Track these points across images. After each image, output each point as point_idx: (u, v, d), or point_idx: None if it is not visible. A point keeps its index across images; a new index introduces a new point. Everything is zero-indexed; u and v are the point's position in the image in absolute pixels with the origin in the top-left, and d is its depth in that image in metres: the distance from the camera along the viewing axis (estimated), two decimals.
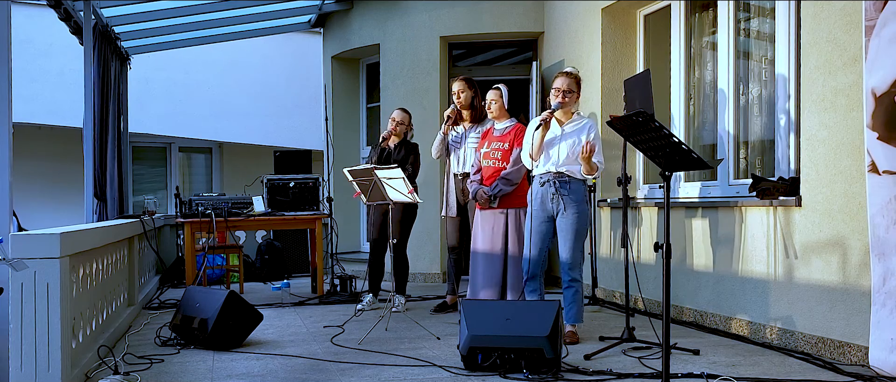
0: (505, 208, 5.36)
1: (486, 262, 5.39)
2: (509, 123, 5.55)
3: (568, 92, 4.81)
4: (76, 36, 7.09)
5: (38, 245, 3.59)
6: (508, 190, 5.33)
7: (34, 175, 11.42)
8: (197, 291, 5.13)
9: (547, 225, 4.89)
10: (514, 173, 5.33)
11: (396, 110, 6.52)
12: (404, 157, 6.30)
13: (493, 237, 5.37)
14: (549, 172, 4.84)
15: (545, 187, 4.85)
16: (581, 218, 4.80)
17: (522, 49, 8.68)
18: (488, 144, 5.51)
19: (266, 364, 4.36)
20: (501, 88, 5.61)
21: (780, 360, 4.30)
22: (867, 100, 3.94)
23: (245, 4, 8.33)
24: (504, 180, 5.33)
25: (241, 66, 12.15)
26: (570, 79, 4.85)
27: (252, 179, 8.25)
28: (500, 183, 5.32)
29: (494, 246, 5.36)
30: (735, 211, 5.10)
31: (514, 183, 5.34)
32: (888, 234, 3.83)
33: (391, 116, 6.47)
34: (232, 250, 7.81)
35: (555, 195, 4.80)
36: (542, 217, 4.88)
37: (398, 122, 6.41)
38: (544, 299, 4.95)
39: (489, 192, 5.32)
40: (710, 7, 5.86)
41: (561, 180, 4.81)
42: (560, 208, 4.81)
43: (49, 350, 3.59)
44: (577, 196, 4.81)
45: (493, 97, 5.57)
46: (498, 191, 5.31)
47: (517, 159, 5.30)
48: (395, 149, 6.38)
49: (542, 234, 4.88)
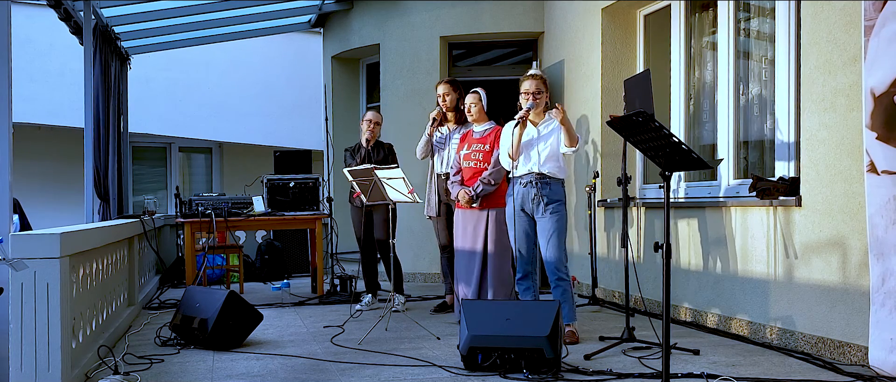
0: (486, 208, 5.40)
1: (465, 260, 5.45)
2: (488, 126, 5.61)
3: (537, 93, 4.90)
4: (76, 36, 7.09)
5: (38, 245, 3.59)
6: (491, 190, 5.38)
7: (34, 175, 11.42)
8: (197, 291, 5.13)
9: (530, 224, 4.96)
10: (495, 174, 5.38)
11: (371, 112, 6.61)
12: (385, 158, 6.35)
13: (474, 236, 5.42)
14: (531, 172, 4.90)
15: (527, 187, 4.91)
16: (561, 218, 4.89)
17: (522, 49, 8.68)
18: (468, 146, 5.57)
19: (266, 364, 4.36)
20: (479, 91, 5.69)
21: (780, 360, 4.30)
22: (866, 100, 3.94)
23: (245, 4, 8.33)
24: (486, 181, 5.37)
25: (241, 66, 12.15)
26: (537, 81, 4.94)
27: (252, 179, 8.25)
28: (483, 183, 5.36)
29: (475, 245, 5.41)
30: (735, 211, 5.10)
31: (495, 183, 5.39)
32: (887, 234, 3.82)
33: (367, 118, 6.52)
34: (232, 250, 7.81)
35: (536, 196, 4.86)
36: (524, 218, 4.95)
37: (375, 123, 6.47)
38: (538, 297, 4.98)
39: (473, 192, 5.36)
40: (710, 7, 5.86)
41: (542, 180, 4.88)
42: (540, 208, 4.87)
43: (49, 350, 3.59)
44: (557, 196, 4.89)
45: (473, 100, 5.64)
46: (481, 191, 5.36)
47: (498, 160, 5.34)
48: (374, 150, 6.41)
49: (527, 233, 4.96)
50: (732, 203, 5.12)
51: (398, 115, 8.49)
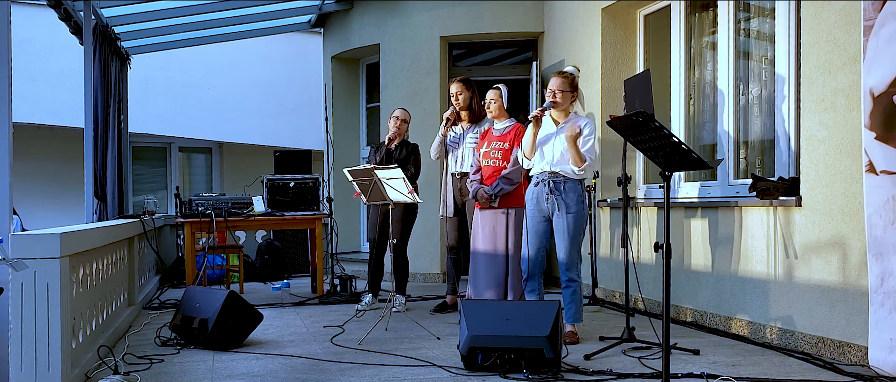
0: (506, 208, 5.36)
1: (488, 262, 5.39)
2: (509, 123, 5.56)
3: (561, 92, 4.84)
4: (76, 36, 7.09)
5: (38, 245, 3.59)
6: (509, 189, 5.33)
7: (34, 175, 11.42)
8: (197, 291, 5.13)
9: (544, 225, 4.90)
10: (514, 173, 5.34)
11: (399, 109, 6.49)
12: (406, 157, 6.29)
13: (494, 237, 5.38)
14: (543, 171, 4.85)
15: (539, 186, 4.86)
16: (577, 219, 4.80)
17: (522, 49, 8.68)
18: (488, 144, 5.52)
19: (266, 364, 4.37)
20: (501, 88, 5.62)
21: (780, 360, 4.30)
22: (865, 100, 3.94)
23: (245, 4, 8.33)
24: (505, 180, 5.33)
25: (241, 66, 12.15)
26: (563, 79, 4.88)
27: (252, 179, 8.25)
28: (501, 182, 5.33)
29: (497, 246, 5.36)
30: (735, 211, 5.10)
31: (514, 182, 5.35)
32: (886, 234, 3.82)
33: (394, 115, 6.42)
34: (232, 250, 7.81)
35: (549, 195, 4.81)
36: (539, 217, 4.89)
37: (402, 120, 6.41)
38: (543, 299, 4.96)
39: (490, 191, 5.32)
40: (710, 7, 5.86)
41: (555, 179, 4.81)
42: (555, 208, 4.81)
43: (49, 350, 3.59)
44: (573, 197, 4.80)
45: (493, 97, 5.58)
46: (499, 190, 5.32)
47: (517, 159, 5.30)
48: (397, 149, 6.37)
49: (539, 234, 4.89)
50: (732, 203, 5.12)
51: None
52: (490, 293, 5.34)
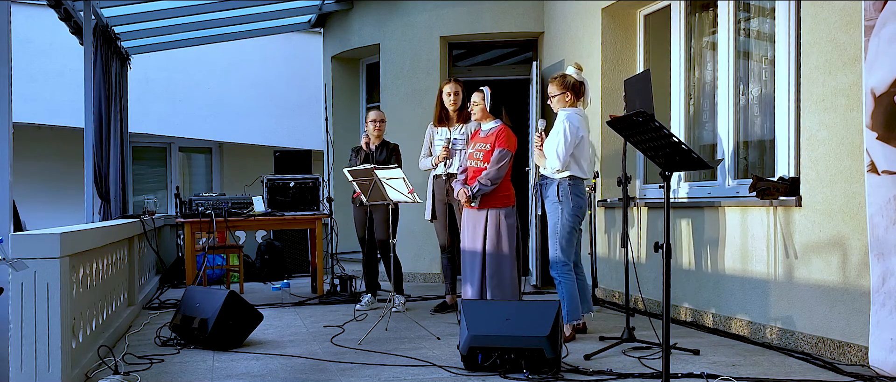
0: (485, 209, 5.41)
1: (468, 260, 5.50)
2: (494, 125, 5.61)
3: (552, 96, 5.11)
4: (76, 36, 7.09)
5: (38, 245, 3.59)
6: (488, 189, 5.38)
7: (34, 175, 11.42)
8: (197, 291, 5.13)
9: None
10: (493, 174, 5.37)
11: (374, 111, 6.60)
12: (387, 158, 6.34)
13: (474, 236, 5.45)
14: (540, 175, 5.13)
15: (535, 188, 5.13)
16: (554, 217, 4.99)
17: (522, 49, 8.68)
18: (474, 145, 5.60)
19: (266, 364, 4.36)
20: (484, 90, 5.69)
21: (781, 360, 4.30)
22: (866, 100, 3.94)
23: (245, 4, 8.33)
24: (484, 181, 5.38)
25: (241, 66, 12.15)
26: (552, 84, 5.12)
27: (252, 179, 8.25)
28: (480, 183, 5.38)
29: (475, 245, 5.44)
30: (735, 211, 5.10)
31: (493, 183, 5.38)
32: (887, 234, 3.82)
33: (371, 119, 6.49)
34: (232, 250, 7.81)
35: (536, 196, 5.10)
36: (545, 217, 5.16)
37: (381, 121, 6.46)
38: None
39: (471, 191, 5.38)
40: (710, 7, 5.86)
41: (541, 181, 5.09)
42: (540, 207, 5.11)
43: (49, 350, 3.59)
44: (551, 195, 5.00)
45: (476, 100, 5.64)
46: (477, 190, 5.37)
47: (497, 160, 5.34)
48: (377, 150, 6.40)
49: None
50: (732, 203, 5.12)
51: (398, 115, 8.48)
52: (469, 290, 5.41)
